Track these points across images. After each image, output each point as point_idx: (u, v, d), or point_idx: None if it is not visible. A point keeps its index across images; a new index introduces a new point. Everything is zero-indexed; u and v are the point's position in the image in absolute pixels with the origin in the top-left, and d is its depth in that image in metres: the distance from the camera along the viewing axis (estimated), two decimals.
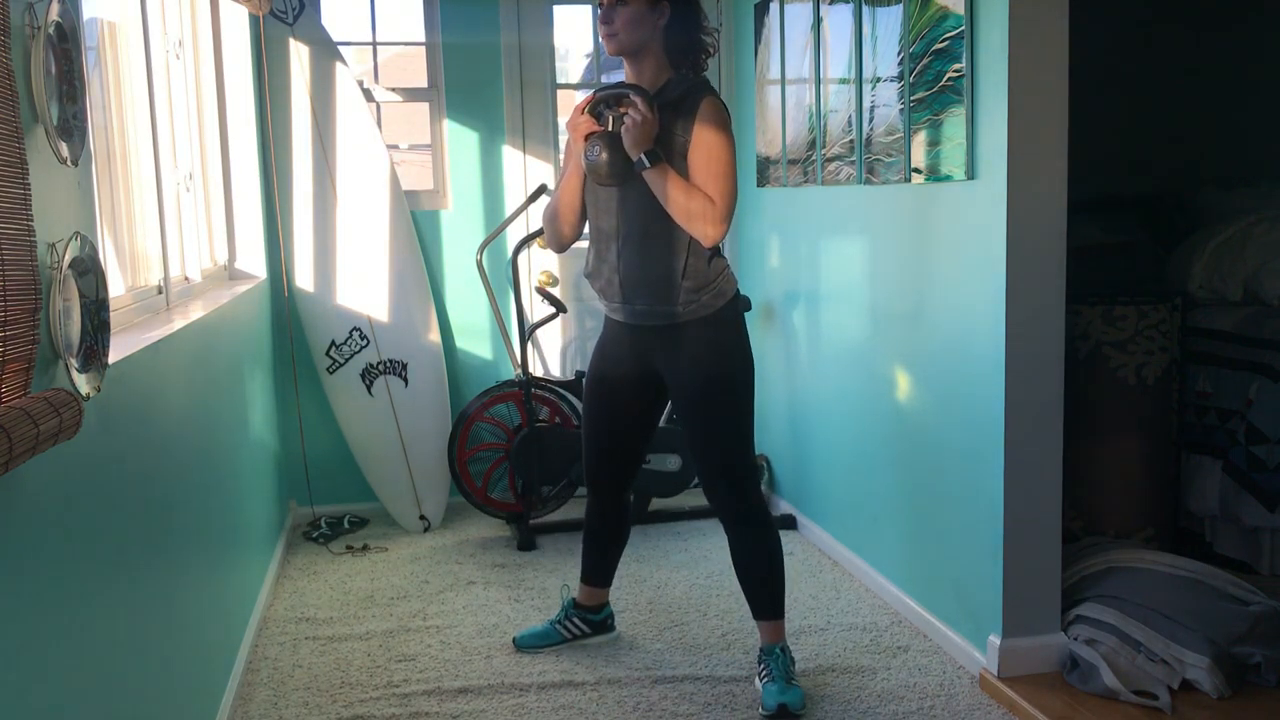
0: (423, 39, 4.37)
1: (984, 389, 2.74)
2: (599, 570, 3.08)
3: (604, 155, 2.59)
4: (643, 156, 2.55)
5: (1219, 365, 3.45)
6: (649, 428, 2.93)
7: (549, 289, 4.17)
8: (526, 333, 4.17)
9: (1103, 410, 3.33)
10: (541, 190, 4.33)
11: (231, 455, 3.07)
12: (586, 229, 2.82)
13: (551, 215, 2.83)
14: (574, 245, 2.91)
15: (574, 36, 5.07)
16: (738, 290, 2.76)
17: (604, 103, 2.68)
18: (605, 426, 2.90)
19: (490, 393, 4.17)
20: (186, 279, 3.13)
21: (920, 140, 2.94)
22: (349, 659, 3.03)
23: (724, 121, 2.60)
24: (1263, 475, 3.28)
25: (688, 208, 2.54)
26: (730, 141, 2.59)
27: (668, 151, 2.58)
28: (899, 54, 3.01)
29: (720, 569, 3.62)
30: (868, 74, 3.22)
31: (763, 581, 2.78)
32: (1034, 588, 2.75)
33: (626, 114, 2.57)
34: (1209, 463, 3.42)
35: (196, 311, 2.75)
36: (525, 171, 4.41)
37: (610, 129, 2.63)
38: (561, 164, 2.85)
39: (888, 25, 3.07)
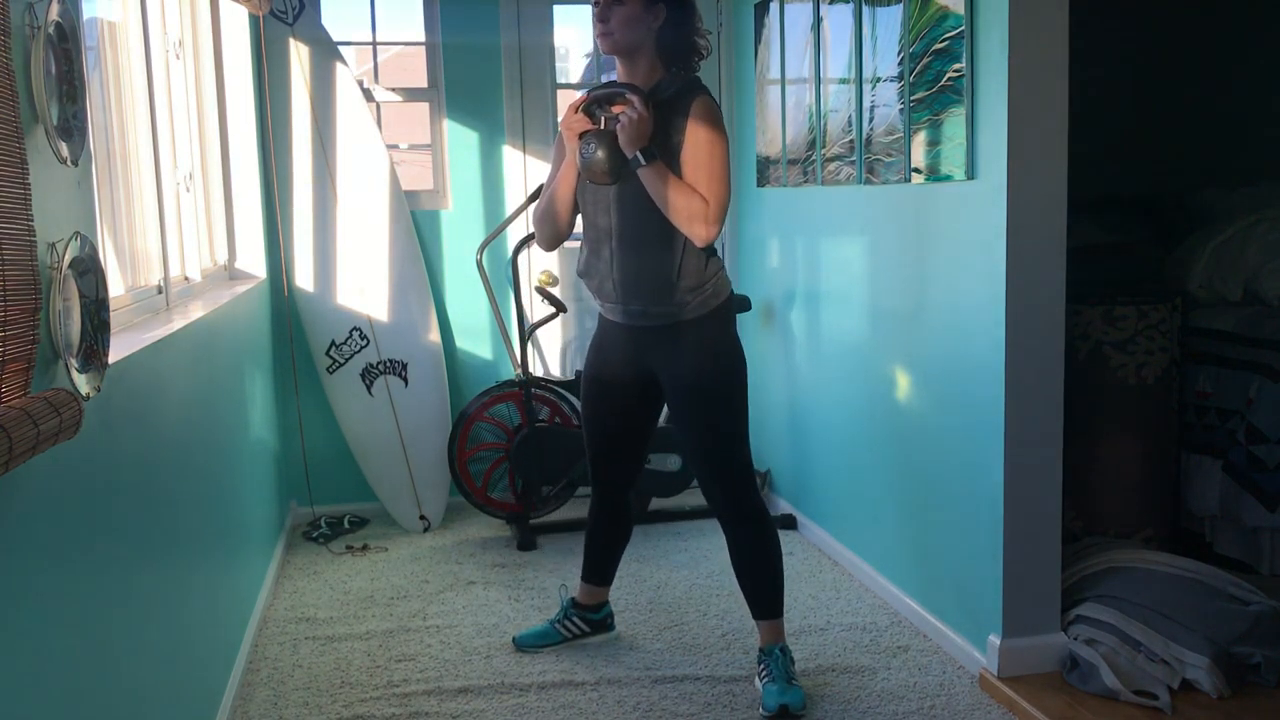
0: (423, 39, 4.37)
1: (984, 389, 2.74)
2: (600, 569, 3.08)
3: (599, 153, 2.59)
4: (638, 154, 2.56)
5: (1219, 365, 3.45)
6: (647, 427, 2.93)
7: (549, 289, 4.17)
8: (526, 333, 4.17)
9: (1103, 410, 3.33)
10: (541, 190, 4.33)
11: (231, 455, 3.07)
12: (579, 227, 2.82)
13: (543, 214, 2.83)
14: (568, 242, 2.92)
15: (574, 36, 5.08)
16: (732, 291, 2.76)
17: (598, 102, 2.68)
18: (603, 427, 2.90)
19: (490, 393, 4.17)
20: (186, 279, 3.13)
21: (920, 140, 2.94)
22: (349, 659, 3.03)
23: (717, 120, 2.60)
24: (1263, 475, 3.28)
25: (681, 207, 2.55)
26: (723, 140, 2.60)
27: (662, 150, 2.58)
28: (899, 54, 3.01)
29: (720, 569, 3.62)
30: (868, 74, 3.22)
31: (761, 581, 2.78)
32: (1034, 588, 2.75)
33: (622, 112, 2.58)
34: (1209, 463, 3.42)
35: (196, 311, 2.75)
36: (525, 171, 4.41)
37: (605, 128, 2.64)
38: (552, 163, 2.85)
39: (888, 25, 3.07)
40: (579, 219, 2.81)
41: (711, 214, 2.55)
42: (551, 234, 2.84)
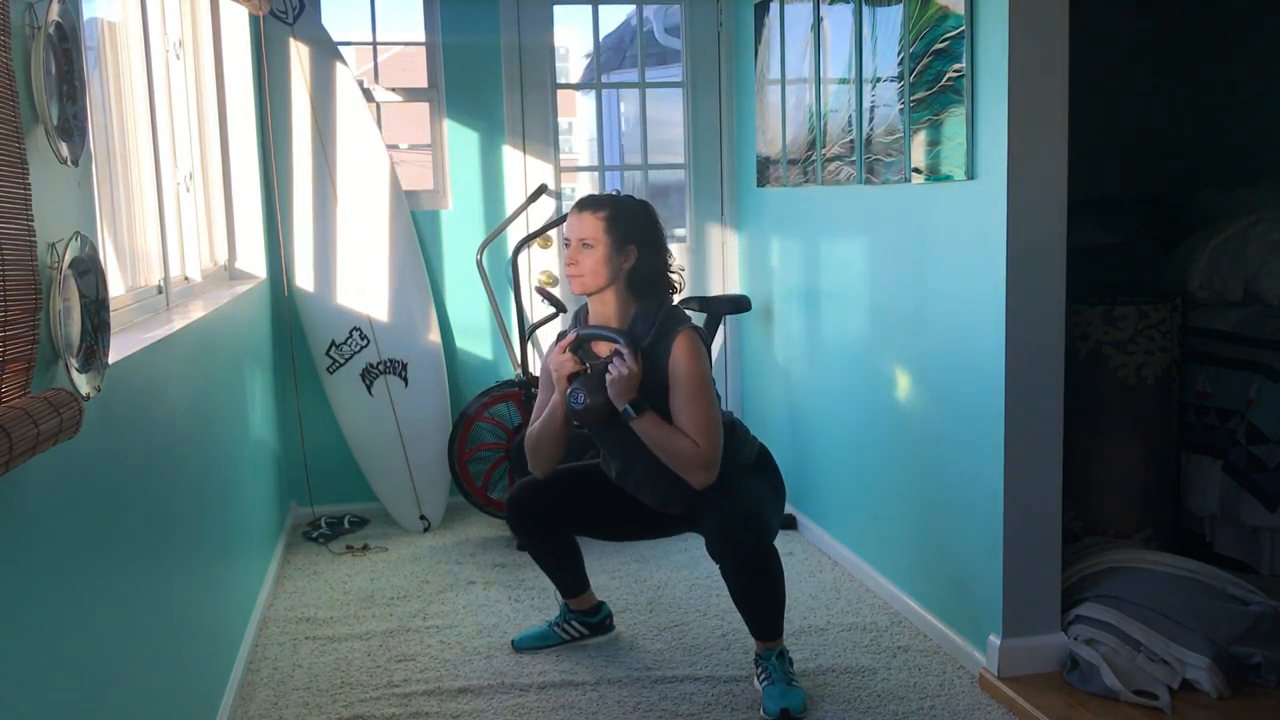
0: (423, 39, 4.37)
1: (984, 389, 2.74)
2: (570, 582, 3.07)
3: (588, 401, 2.64)
4: (628, 407, 2.58)
5: (1219, 365, 3.45)
6: (622, 525, 2.98)
7: (549, 289, 4.17)
8: (526, 333, 4.18)
9: (1103, 410, 3.33)
10: (541, 190, 4.34)
11: (231, 455, 3.07)
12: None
13: (537, 445, 2.84)
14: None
15: (574, 36, 5.08)
16: (762, 448, 2.84)
17: (584, 342, 2.72)
18: (589, 491, 2.92)
19: (490, 393, 4.17)
20: (186, 279, 3.13)
21: (920, 140, 2.94)
22: (349, 659, 3.03)
23: (700, 357, 2.64)
24: (1263, 475, 3.28)
25: (676, 456, 2.60)
26: (707, 376, 2.64)
27: (650, 393, 2.62)
28: (899, 54, 3.01)
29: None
30: (868, 74, 3.22)
31: (762, 606, 2.71)
32: (1034, 588, 2.75)
33: (611, 363, 2.61)
34: (1209, 463, 3.42)
35: (196, 311, 2.75)
36: (525, 171, 4.41)
37: (591, 370, 2.67)
38: (540, 389, 2.89)
39: (888, 25, 3.07)
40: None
41: (705, 458, 2.59)
42: (545, 463, 2.86)
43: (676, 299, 2.83)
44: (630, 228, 2.67)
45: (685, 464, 2.59)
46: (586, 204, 2.71)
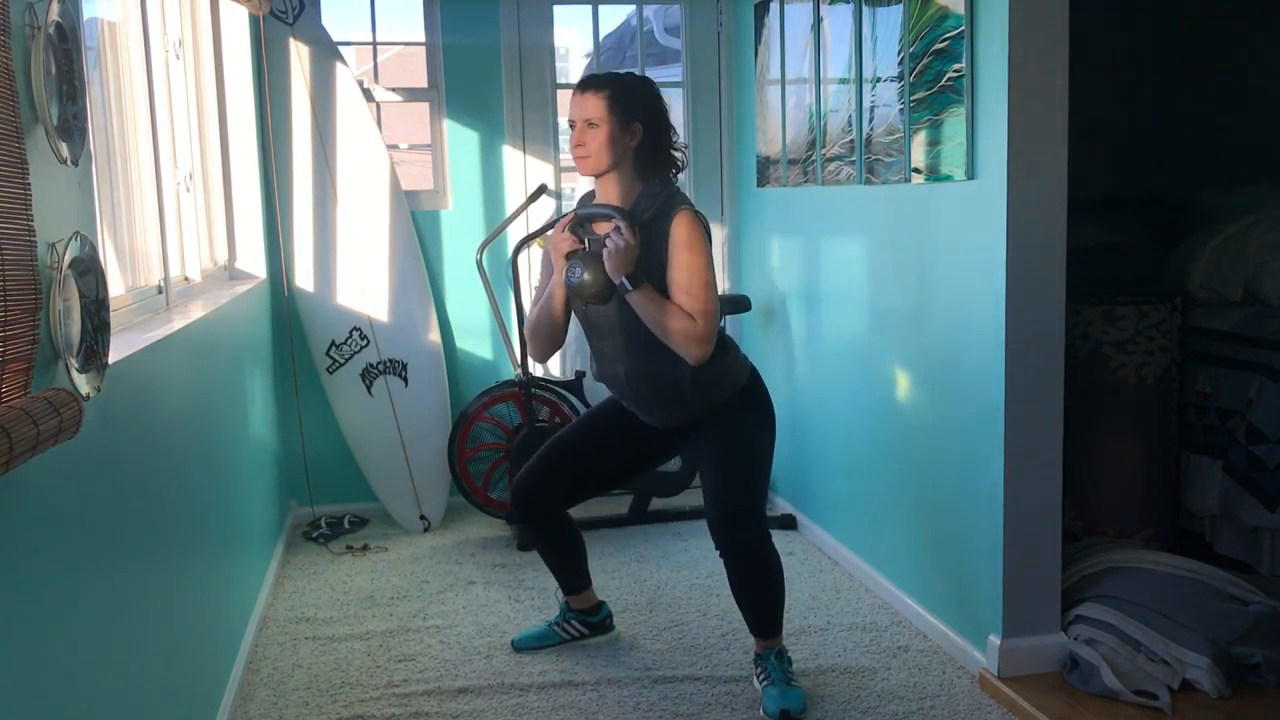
0: (423, 39, 4.37)
1: (984, 389, 2.74)
2: (572, 578, 3.07)
3: (586, 277, 2.61)
4: (625, 280, 2.57)
5: (1219, 365, 3.45)
6: (623, 478, 2.97)
7: None
8: None
9: (1103, 410, 3.33)
10: (542, 190, 4.33)
11: (231, 455, 3.07)
12: (580, 334, 2.86)
13: (535, 329, 2.82)
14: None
15: (574, 36, 5.08)
16: (753, 370, 2.79)
17: (584, 221, 2.70)
18: (587, 459, 2.91)
19: (490, 393, 4.17)
20: (186, 279, 3.13)
21: (920, 140, 2.94)
22: (349, 659, 3.03)
23: (700, 235, 2.61)
24: (1263, 475, 3.28)
25: (672, 330, 2.56)
26: (707, 255, 2.61)
27: (647, 270, 2.60)
28: (899, 54, 3.01)
29: (720, 568, 3.60)
30: (868, 74, 3.22)
31: (762, 603, 2.73)
32: (1034, 588, 2.75)
33: (608, 237, 2.59)
34: (1209, 463, 3.42)
35: (196, 311, 2.75)
36: (525, 171, 4.41)
37: (590, 249, 2.66)
38: (541, 274, 2.87)
39: (888, 25, 3.07)
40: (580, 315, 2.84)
41: (702, 333, 2.56)
42: (546, 347, 2.85)
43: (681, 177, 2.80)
44: (633, 105, 2.63)
45: (681, 338, 2.56)
46: (589, 84, 2.65)
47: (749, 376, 2.76)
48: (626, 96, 2.62)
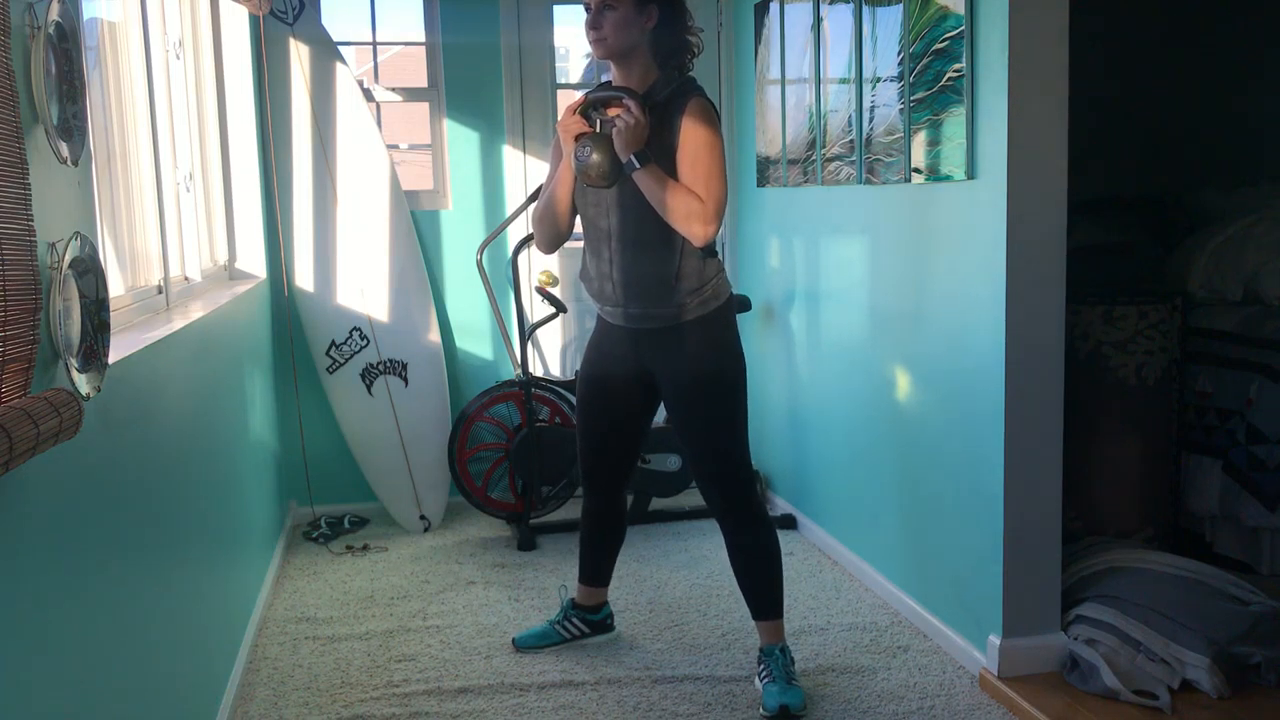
0: (423, 39, 4.37)
1: (984, 389, 2.74)
2: (597, 571, 3.08)
3: (594, 156, 2.60)
4: (633, 158, 2.56)
5: (1219, 365, 3.44)
6: (642, 428, 2.94)
7: (549, 289, 4.17)
8: (526, 333, 4.17)
9: (1103, 410, 3.33)
10: (542, 190, 4.33)
11: (231, 455, 3.07)
12: (578, 228, 2.83)
13: (541, 215, 2.83)
14: (568, 243, 2.92)
15: (574, 36, 5.07)
16: (733, 292, 2.76)
17: (595, 105, 2.68)
18: (598, 426, 2.91)
19: (490, 393, 4.17)
20: (186, 279, 3.13)
21: (920, 140, 2.94)
22: (349, 659, 3.03)
23: (712, 121, 2.60)
24: (1263, 475, 3.28)
25: (677, 207, 2.54)
26: (718, 140, 2.59)
27: (657, 152, 2.58)
28: (899, 54, 3.01)
29: (720, 569, 3.62)
30: (868, 74, 3.22)
31: (761, 581, 2.78)
32: (1034, 588, 2.75)
33: (618, 116, 2.58)
34: (1209, 463, 3.42)
35: (196, 311, 2.75)
36: (525, 171, 4.41)
37: (600, 130, 2.64)
38: (550, 164, 2.86)
39: (888, 25, 3.07)
40: (578, 220, 2.81)
41: (708, 213, 2.54)
42: (551, 235, 2.84)
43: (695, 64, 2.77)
44: None
45: (686, 216, 2.54)
46: None
47: (729, 298, 2.73)
48: None
